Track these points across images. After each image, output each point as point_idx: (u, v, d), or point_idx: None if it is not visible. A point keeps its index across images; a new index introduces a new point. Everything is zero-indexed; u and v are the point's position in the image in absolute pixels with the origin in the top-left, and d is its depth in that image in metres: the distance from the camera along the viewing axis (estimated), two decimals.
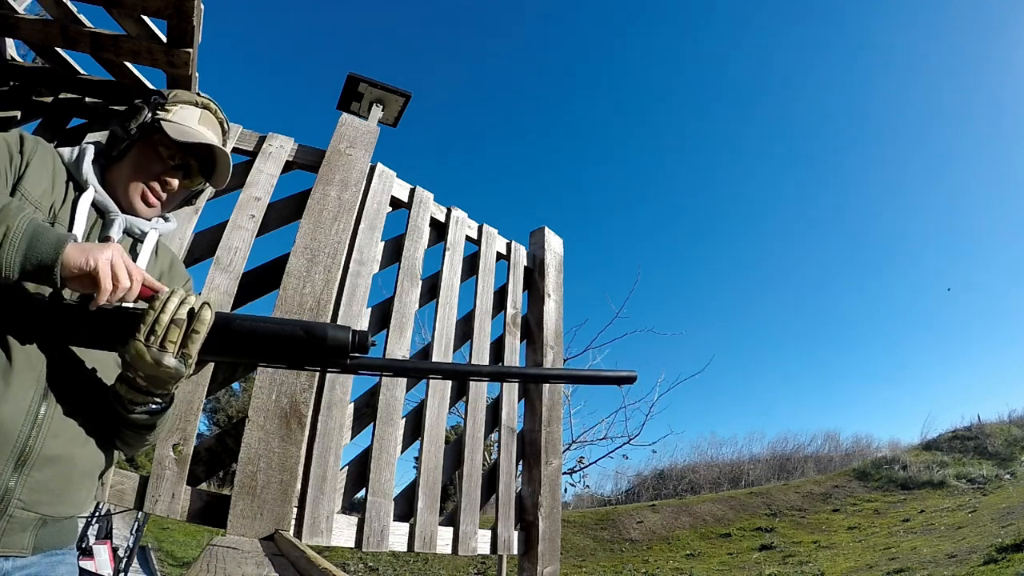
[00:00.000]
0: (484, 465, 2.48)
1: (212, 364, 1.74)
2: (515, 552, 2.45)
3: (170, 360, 0.75)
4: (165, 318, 0.74)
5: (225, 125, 1.12)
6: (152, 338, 0.74)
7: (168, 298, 0.75)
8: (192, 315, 0.75)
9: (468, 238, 2.69)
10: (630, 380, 0.91)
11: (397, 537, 2.02)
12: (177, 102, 1.04)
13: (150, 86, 2.43)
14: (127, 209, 1.00)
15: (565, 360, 7.25)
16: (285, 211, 2.13)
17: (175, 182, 1.02)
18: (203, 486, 1.72)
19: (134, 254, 0.98)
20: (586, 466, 9.42)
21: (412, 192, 2.48)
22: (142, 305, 0.77)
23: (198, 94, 1.09)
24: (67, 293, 0.83)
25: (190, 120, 1.03)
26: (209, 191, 1.95)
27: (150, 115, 1.00)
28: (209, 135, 1.05)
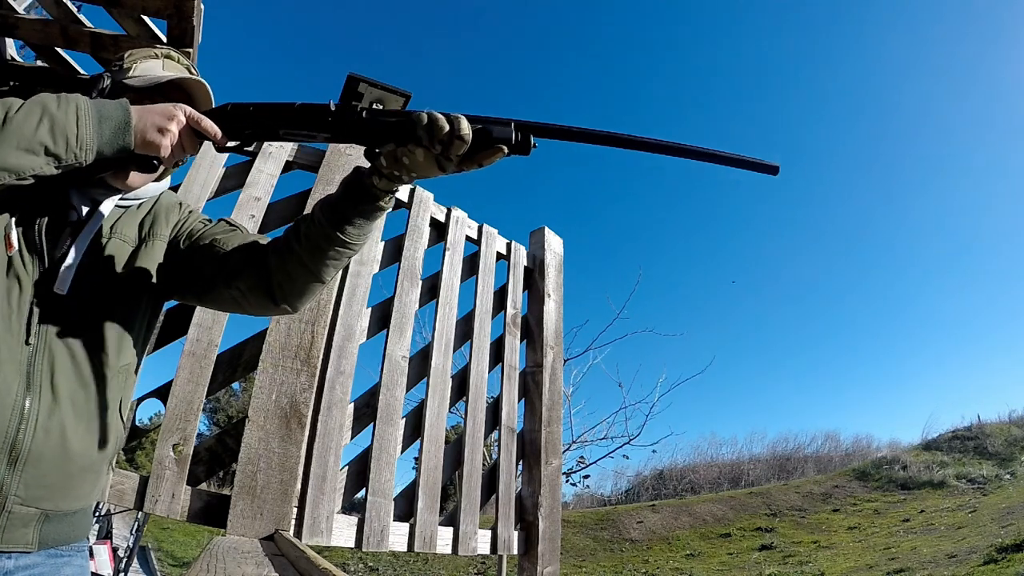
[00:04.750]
0: (484, 465, 2.48)
1: (213, 365, 1.75)
2: (515, 552, 2.45)
3: (446, 163, 0.83)
4: (442, 126, 0.79)
5: (193, 70, 1.05)
6: (439, 147, 0.80)
7: (435, 115, 0.81)
8: (453, 123, 0.80)
9: (468, 238, 2.69)
10: (774, 170, 0.92)
11: (397, 537, 2.02)
12: (135, 60, 1.00)
13: None
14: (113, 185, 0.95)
15: (565, 360, 7.25)
16: (285, 211, 2.13)
17: None
18: (203, 486, 1.72)
19: (80, 226, 0.91)
20: (586, 466, 9.44)
21: (412, 192, 2.48)
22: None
23: (154, 46, 1.06)
24: None
25: (153, 70, 0.99)
26: (209, 190, 1.95)
27: (110, 81, 0.95)
28: (171, 74, 0.99)
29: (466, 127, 0.80)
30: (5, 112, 0.73)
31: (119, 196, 0.95)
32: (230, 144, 0.90)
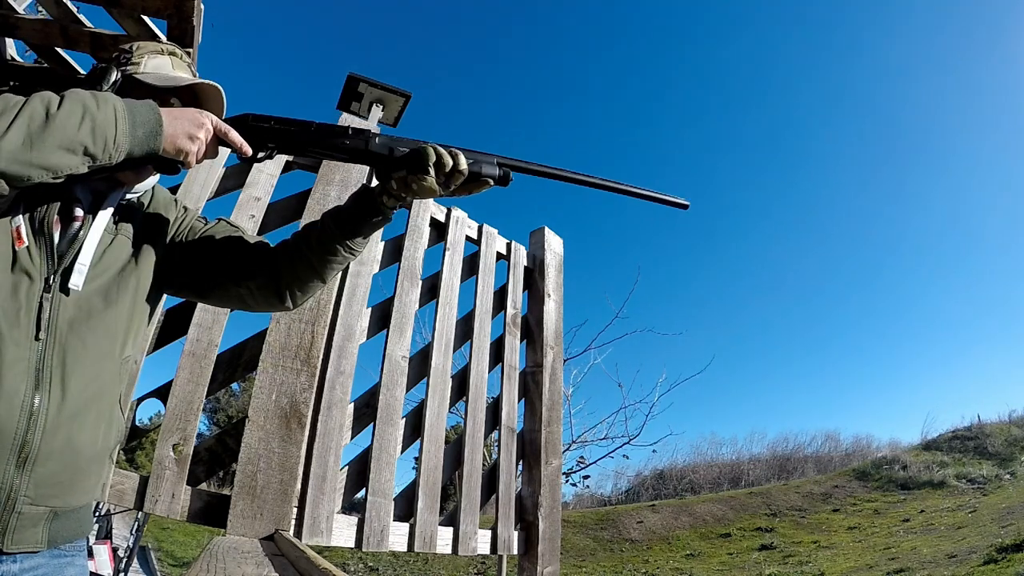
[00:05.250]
0: (484, 465, 2.48)
1: (213, 366, 1.75)
2: (515, 552, 2.45)
3: (444, 190, 0.96)
4: (447, 162, 0.94)
5: (193, 69, 1.06)
6: (441, 177, 0.94)
7: (441, 151, 0.94)
8: (455, 159, 0.94)
9: (468, 238, 2.69)
10: (684, 206, 1.08)
11: (397, 537, 2.02)
12: (144, 53, 0.99)
13: None
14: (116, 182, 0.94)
15: (565, 360, 7.26)
16: (285, 211, 2.13)
17: None
18: (203, 486, 1.72)
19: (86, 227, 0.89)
20: (586, 466, 9.45)
21: None
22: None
23: (160, 41, 1.06)
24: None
25: (164, 68, 0.99)
26: (209, 189, 1.95)
27: (119, 74, 0.94)
28: (188, 77, 1.00)
29: (464, 163, 0.95)
30: (46, 109, 0.72)
31: (122, 190, 0.95)
32: (258, 155, 0.97)
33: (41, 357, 0.80)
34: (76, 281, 0.84)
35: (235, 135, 0.91)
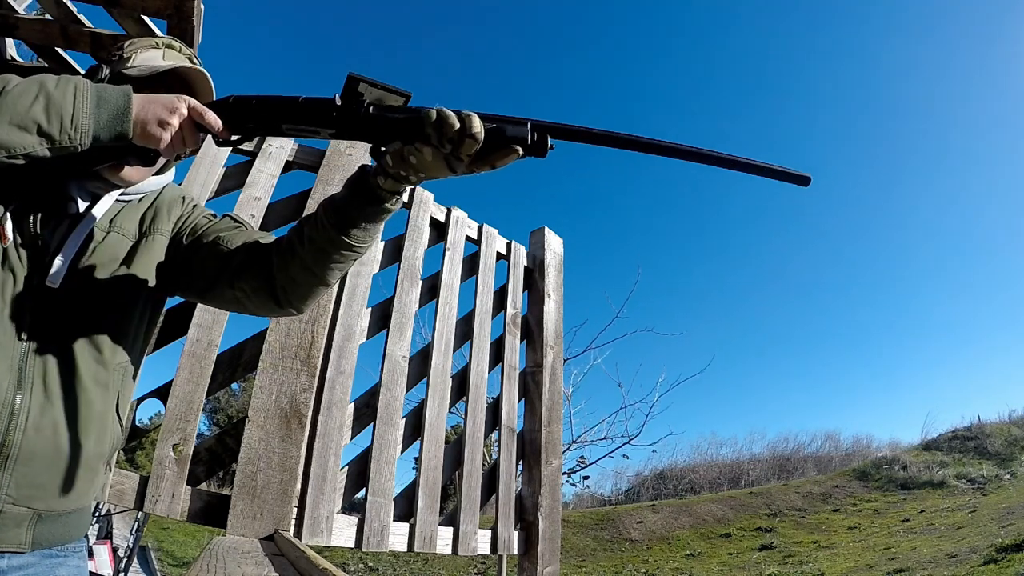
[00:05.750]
0: (484, 465, 2.48)
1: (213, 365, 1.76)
2: (515, 552, 2.45)
3: (456, 164, 0.78)
4: (452, 124, 0.74)
5: (195, 60, 1.02)
6: (448, 145, 0.75)
7: (446, 112, 0.76)
8: (464, 121, 0.75)
9: (468, 238, 2.69)
10: (805, 181, 0.89)
11: (397, 537, 2.02)
12: (135, 49, 0.96)
13: None
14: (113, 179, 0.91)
15: (565, 360, 7.26)
16: (285, 211, 2.13)
17: None
18: (203, 486, 1.72)
19: (77, 222, 0.88)
20: (586, 466, 9.47)
21: (412, 192, 2.48)
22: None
23: (155, 35, 1.05)
24: None
25: (154, 60, 0.96)
26: (209, 189, 1.95)
27: (109, 72, 0.92)
28: (171, 64, 0.96)
29: (478, 125, 0.75)
30: (3, 86, 0.71)
31: (119, 190, 0.93)
32: (232, 138, 0.87)
33: (24, 356, 0.79)
34: (53, 280, 0.82)
35: (211, 116, 0.82)
